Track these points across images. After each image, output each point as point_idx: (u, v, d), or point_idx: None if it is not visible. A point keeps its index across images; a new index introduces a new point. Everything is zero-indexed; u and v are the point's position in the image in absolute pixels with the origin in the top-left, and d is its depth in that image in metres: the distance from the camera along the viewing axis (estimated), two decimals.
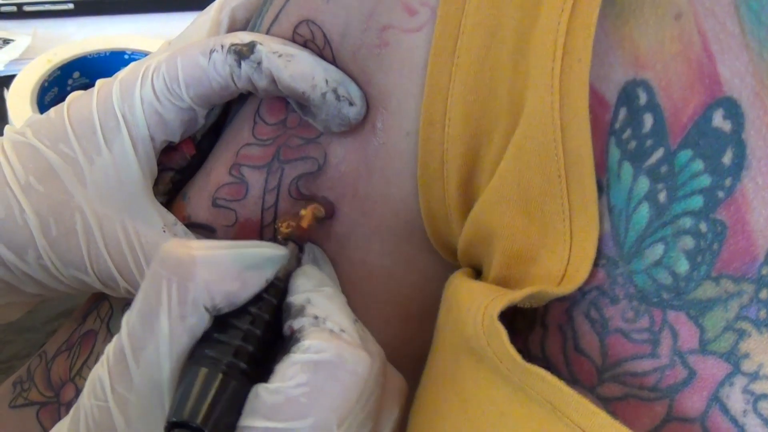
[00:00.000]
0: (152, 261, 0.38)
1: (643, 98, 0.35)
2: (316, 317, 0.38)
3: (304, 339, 0.37)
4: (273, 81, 0.43)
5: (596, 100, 0.36)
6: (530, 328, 0.39)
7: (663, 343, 0.34)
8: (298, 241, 0.43)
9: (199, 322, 0.38)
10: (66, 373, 0.51)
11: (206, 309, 0.38)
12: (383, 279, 0.45)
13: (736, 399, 0.33)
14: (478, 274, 0.42)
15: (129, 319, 0.38)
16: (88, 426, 0.38)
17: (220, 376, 0.36)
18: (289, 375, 0.36)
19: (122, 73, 0.46)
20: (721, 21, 0.33)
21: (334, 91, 0.42)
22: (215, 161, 0.48)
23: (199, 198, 0.47)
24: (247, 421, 0.36)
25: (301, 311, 0.39)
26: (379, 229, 0.45)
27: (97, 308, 0.52)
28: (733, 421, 0.33)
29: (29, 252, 0.44)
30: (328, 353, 0.36)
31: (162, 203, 0.47)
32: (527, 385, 0.33)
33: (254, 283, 0.39)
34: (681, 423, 0.34)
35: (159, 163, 0.47)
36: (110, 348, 0.39)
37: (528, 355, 0.34)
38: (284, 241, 0.43)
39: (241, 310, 0.39)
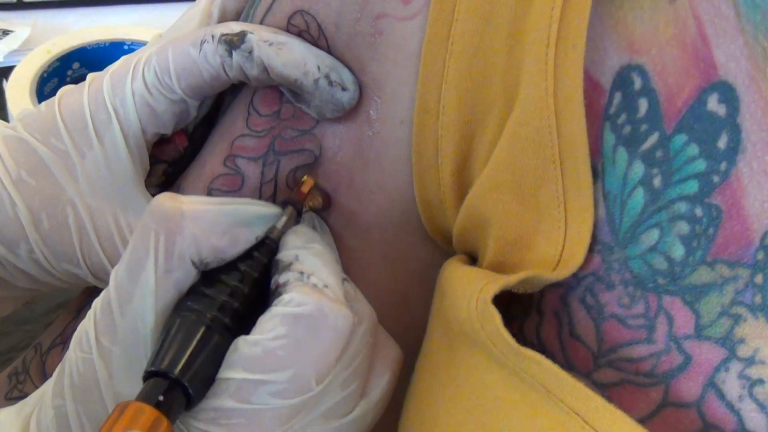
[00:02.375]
0: (143, 214, 0.38)
1: (637, 83, 0.34)
2: (301, 272, 0.38)
3: (286, 292, 0.37)
4: (265, 70, 0.42)
5: (591, 85, 0.35)
6: (526, 314, 0.39)
7: (658, 328, 0.34)
8: (297, 206, 0.43)
9: (186, 275, 0.38)
10: None
11: (193, 263, 0.38)
12: (382, 267, 0.45)
13: (731, 384, 0.33)
14: (473, 260, 0.42)
15: (117, 273, 0.38)
16: (72, 378, 0.38)
17: (203, 328, 0.36)
18: (269, 327, 0.36)
19: (113, 67, 0.46)
20: (715, 5, 0.33)
21: (327, 76, 0.42)
22: (209, 153, 0.47)
23: (193, 189, 0.47)
24: (225, 372, 0.36)
25: (287, 267, 0.39)
26: (377, 218, 0.45)
27: (91, 302, 0.52)
28: (729, 406, 0.33)
29: (21, 246, 0.44)
30: (308, 307, 0.36)
31: (154, 195, 0.47)
32: (522, 370, 0.33)
33: (244, 239, 0.39)
34: (677, 408, 0.34)
35: (151, 156, 0.47)
36: (98, 301, 0.39)
37: (523, 342, 0.33)
38: (283, 204, 0.43)
39: (231, 266, 0.39)
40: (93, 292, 0.52)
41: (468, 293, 0.35)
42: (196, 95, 0.45)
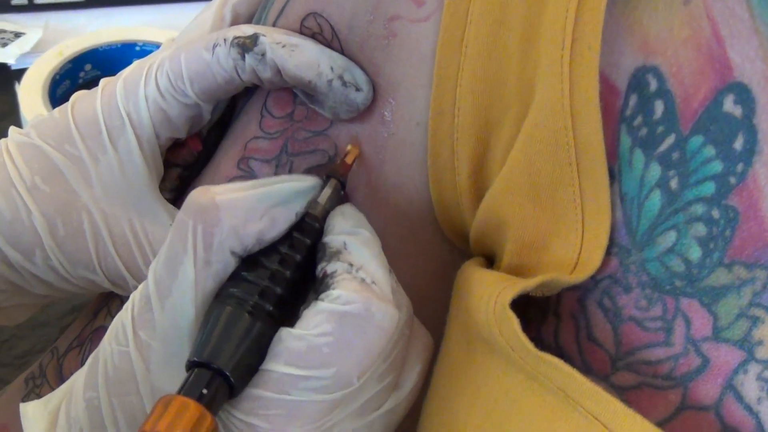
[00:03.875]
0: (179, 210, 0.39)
1: (653, 84, 0.34)
2: (351, 264, 0.38)
3: (334, 287, 0.37)
4: (278, 72, 0.43)
5: (606, 87, 0.35)
6: (543, 317, 0.39)
7: (676, 331, 0.34)
8: (342, 179, 0.43)
9: (225, 266, 0.38)
10: (77, 368, 0.51)
11: (233, 253, 0.38)
12: (400, 266, 0.45)
13: (750, 387, 0.33)
14: (490, 262, 0.42)
15: (156, 268, 0.38)
16: (107, 371, 0.38)
17: (246, 316, 0.36)
18: (314, 323, 0.36)
19: (126, 72, 0.46)
20: (730, 6, 0.33)
21: (340, 77, 0.42)
22: (223, 155, 0.48)
23: None
24: (268, 364, 0.36)
25: (336, 255, 0.39)
26: (394, 217, 0.45)
27: (108, 305, 0.53)
28: (748, 408, 0.33)
29: (37, 253, 0.44)
30: (356, 305, 0.36)
31: (169, 200, 0.47)
32: (540, 374, 0.33)
33: (283, 218, 0.39)
34: (695, 411, 0.34)
35: (165, 160, 0.47)
36: (135, 295, 0.39)
37: (541, 345, 0.33)
38: (326, 178, 0.43)
39: (271, 249, 0.39)
40: (109, 295, 0.53)
41: (486, 297, 0.35)
42: (210, 99, 0.45)
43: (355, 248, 0.39)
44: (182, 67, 0.44)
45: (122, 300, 0.52)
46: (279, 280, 0.38)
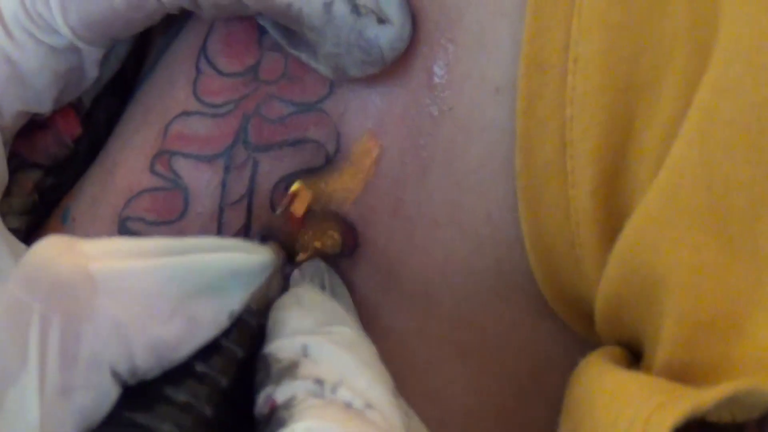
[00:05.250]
0: (8, 281, 0.38)
1: None
2: (318, 381, 0.38)
3: (294, 419, 0.36)
4: None
5: None
6: None
7: None
8: (286, 241, 0.43)
9: (100, 396, 0.37)
10: None
11: (115, 374, 0.37)
12: (455, 367, 0.46)
13: None
14: (634, 357, 0.43)
15: None
16: None
17: None
18: None
19: None
20: None
21: None
22: (123, 147, 0.48)
23: (92, 218, 0.48)
24: None
25: (289, 371, 0.38)
26: (445, 274, 0.45)
27: None
28: None
29: None
30: None
31: (16, 230, 0.48)
32: None
33: (209, 320, 0.39)
34: None
35: (14, 155, 0.47)
36: None
37: None
38: (262, 239, 0.43)
39: (182, 370, 0.39)
40: None
41: (626, 420, 0.36)
42: (99, 39, 0.45)
43: (323, 353, 0.39)
44: None
45: None
46: (192, 423, 0.38)
